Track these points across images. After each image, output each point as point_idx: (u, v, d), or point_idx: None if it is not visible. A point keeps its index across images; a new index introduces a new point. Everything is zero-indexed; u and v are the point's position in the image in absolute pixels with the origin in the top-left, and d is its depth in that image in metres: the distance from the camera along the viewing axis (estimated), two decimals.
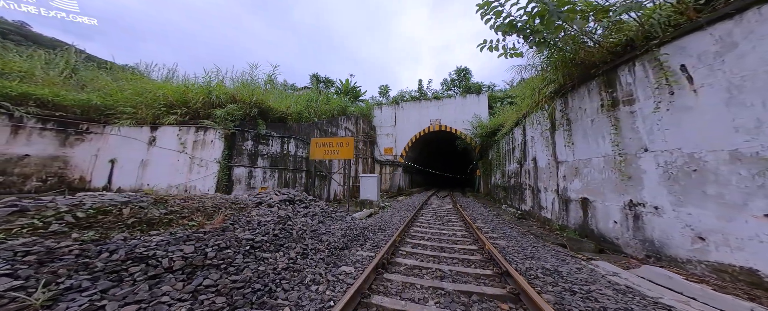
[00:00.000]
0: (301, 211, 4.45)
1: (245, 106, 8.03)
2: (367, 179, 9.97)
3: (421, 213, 8.28)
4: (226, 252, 2.30)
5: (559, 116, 6.10)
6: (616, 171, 4.44)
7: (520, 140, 9.10)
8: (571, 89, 5.58)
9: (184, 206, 2.76)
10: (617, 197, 4.41)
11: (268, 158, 8.71)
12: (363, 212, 7.93)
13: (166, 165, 7.68)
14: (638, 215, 4.03)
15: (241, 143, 7.81)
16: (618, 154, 4.39)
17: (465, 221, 6.68)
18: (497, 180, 13.11)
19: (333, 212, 5.42)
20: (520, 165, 8.93)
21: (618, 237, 4.38)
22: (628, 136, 4.26)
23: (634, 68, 4.21)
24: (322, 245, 3.55)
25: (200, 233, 2.45)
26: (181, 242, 2.22)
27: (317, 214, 4.73)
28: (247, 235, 2.74)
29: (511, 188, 10.18)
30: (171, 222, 2.44)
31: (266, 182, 8.60)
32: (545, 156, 6.85)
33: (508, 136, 10.96)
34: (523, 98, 9.66)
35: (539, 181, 7.24)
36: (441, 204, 11.40)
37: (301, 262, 2.90)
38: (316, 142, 8.43)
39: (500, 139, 12.25)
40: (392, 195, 17.07)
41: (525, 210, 8.31)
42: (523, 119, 8.67)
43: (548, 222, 6.57)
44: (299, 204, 4.74)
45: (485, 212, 8.66)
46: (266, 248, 2.72)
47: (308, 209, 4.69)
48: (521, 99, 10.28)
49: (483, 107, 18.32)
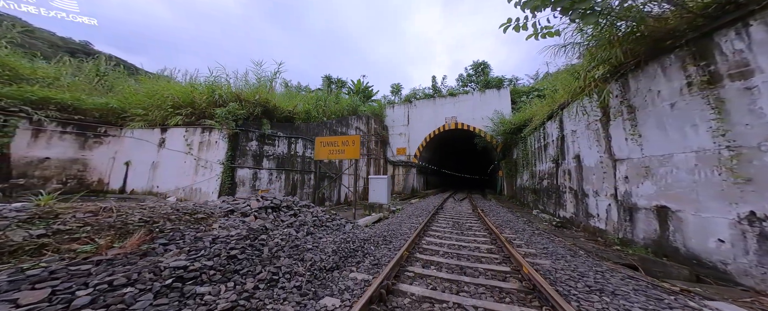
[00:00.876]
0: (285, 221, 3.66)
1: (249, 105, 7.57)
2: (377, 180, 9.06)
3: (435, 219, 7.17)
4: (124, 293, 1.51)
5: (615, 104, 4.73)
6: (721, 171, 3.06)
7: (555, 135, 7.63)
8: (633, 68, 4.22)
9: (88, 221, 2.05)
10: (724, 206, 3.03)
11: (274, 159, 8.18)
12: (369, 218, 7.01)
13: (175, 167, 7.43)
14: (766, 234, 2.66)
15: (245, 144, 7.32)
16: (725, 147, 3.02)
17: (489, 230, 5.49)
18: (525, 182, 11.50)
19: (329, 221, 4.57)
20: (556, 164, 7.45)
21: (727, 262, 3.01)
22: (745, 122, 2.88)
23: (749, 30, 2.88)
24: (303, 266, 2.69)
25: (90, 263, 1.70)
26: (31, 282, 1.41)
27: (307, 223, 3.91)
28: (180, 261, 1.95)
29: (543, 191, 8.65)
30: (43, 248, 1.72)
31: (272, 184, 8.06)
32: (594, 153, 5.43)
33: (537, 132, 9.44)
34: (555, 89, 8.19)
35: (585, 183, 5.80)
36: (459, 208, 10.13)
37: (262, 294, 2.05)
38: (321, 141, 7.72)
39: (528, 135, 10.70)
40: (405, 197, 15.98)
41: (564, 217, 6.83)
42: (559, 111, 7.22)
43: (601, 234, 5.14)
44: (285, 212, 3.95)
45: (513, 218, 7.30)
46: (208, 278, 1.92)
47: (296, 219, 3.89)
48: (552, 91, 8.77)
49: (505, 103, 16.62)
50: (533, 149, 10.07)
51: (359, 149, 7.41)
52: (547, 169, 8.29)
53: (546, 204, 8.28)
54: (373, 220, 7.05)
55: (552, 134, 7.91)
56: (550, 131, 8.10)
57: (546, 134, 8.49)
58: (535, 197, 9.62)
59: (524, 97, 16.15)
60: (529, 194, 10.31)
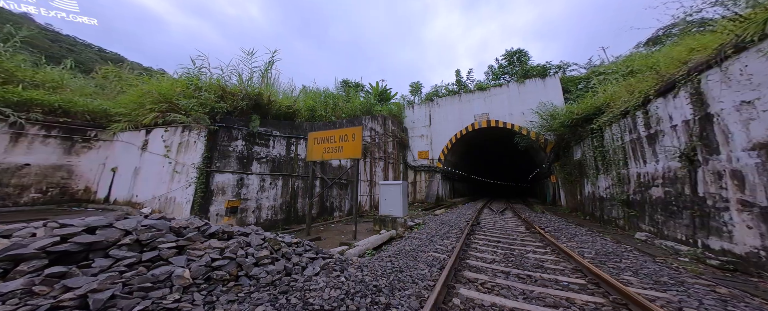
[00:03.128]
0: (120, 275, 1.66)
1: (236, 98, 6.06)
2: (389, 188, 6.86)
3: (472, 242, 4.68)
4: None
5: None
6: None
7: (681, 116, 4.76)
8: None
9: None
10: None
11: (267, 162, 6.51)
12: (374, 239, 4.76)
13: (154, 173, 6.13)
14: None
15: (227, 144, 5.74)
16: None
17: (579, 269, 2.92)
18: (602, 190, 8.31)
19: (276, 257, 2.54)
20: (691, 163, 4.53)
21: None
22: None
23: None
24: None
25: None
26: None
27: (189, 276, 1.87)
28: None
29: (655, 205, 5.61)
30: None
31: (264, 192, 6.33)
32: None
33: (627, 119, 6.50)
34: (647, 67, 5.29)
35: None
36: (503, 224, 7.39)
37: None
38: (315, 137, 5.85)
39: (606, 126, 7.68)
40: (428, 207, 13.38)
41: (732, 252, 3.85)
42: (691, 79, 4.42)
43: None
44: (145, 251, 1.96)
45: (610, 247, 4.45)
46: None
47: (167, 267, 1.87)
48: (644, 70, 5.83)
49: (554, 93, 13.49)
50: (618, 143, 7.05)
51: (361, 144, 5.34)
52: (662, 170, 5.31)
53: (665, 226, 5.23)
54: (377, 242, 4.79)
55: (671, 117, 5.02)
56: (664, 113, 5.20)
57: (652, 119, 5.57)
58: (629, 213, 6.50)
59: (582, 84, 12.89)
60: (618, 208, 7.16)
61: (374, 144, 13.37)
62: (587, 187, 9.55)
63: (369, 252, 3.99)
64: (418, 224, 7.07)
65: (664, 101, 5.16)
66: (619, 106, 6.96)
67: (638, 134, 6.10)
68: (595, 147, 8.32)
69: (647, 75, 6.47)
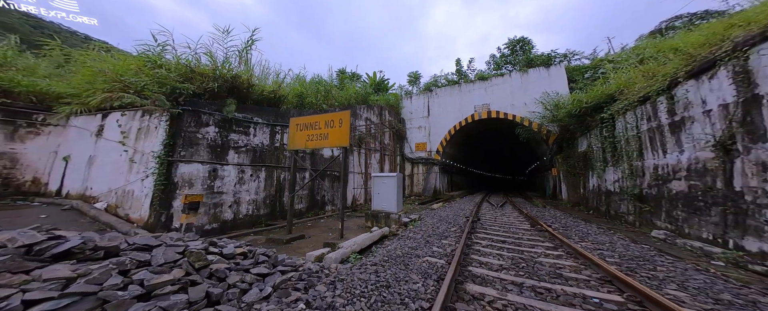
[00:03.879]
0: None
1: (205, 79, 5.23)
2: (382, 180, 6.22)
3: (474, 242, 4.11)
4: None
5: None
6: None
7: (724, 99, 4.11)
8: None
9: None
10: None
11: (247, 151, 5.78)
12: (362, 239, 4.16)
13: (110, 162, 5.36)
14: None
15: (195, 130, 4.97)
16: None
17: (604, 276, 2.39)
18: (609, 183, 7.79)
19: (168, 285, 1.76)
20: (727, 153, 3.93)
21: None
22: None
23: None
24: None
25: None
26: None
27: None
28: None
29: (674, 200, 5.07)
30: None
31: (244, 184, 5.64)
32: None
33: (646, 106, 5.86)
34: None
35: None
36: (504, 219, 6.88)
37: None
38: (297, 123, 5.11)
39: (619, 115, 7.04)
40: (425, 201, 12.89)
41: None
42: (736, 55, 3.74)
43: None
44: None
45: (634, 249, 3.91)
46: None
47: None
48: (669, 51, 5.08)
49: (559, 83, 12.75)
50: (633, 133, 6.43)
51: (349, 131, 4.63)
52: (688, 162, 4.72)
53: (687, 223, 4.70)
54: (367, 242, 4.20)
55: (704, 101, 4.37)
56: (695, 96, 4.55)
57: (678, 104, 4.92)
58: (642, 208, 5.98)
59: (589, 73, 12.14)
60: (628, 203, 6.63)
61: (369, 135, 12.64)
62: (592, 180, 9.03)
63: (353, 257, 3.38)
64: (413, 220, 6.50)
65: (696, 83, 4.49)
66: (636, 93, 6.29)
67: (659, 122, 5.47)
68: (605, 138, 7.71)
69: (671, 57, 5.78)
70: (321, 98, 9.35)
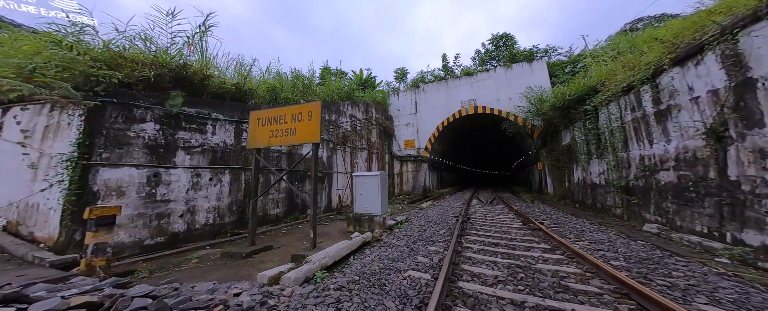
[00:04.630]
0: None
1: (138, 67, 4.31)
2: (364, 180, 5.66)
3: (464, 250, 3.63)
4: None
5: None
6: None
7: (713, 84, 3.86)
8: None
9: None
10: None
11: (204, 152, 4.98)
12: (331, 251, 3.59)
13: (10, 168, 4.29)
14: None
15: (124, 127, 4.08)
16: None
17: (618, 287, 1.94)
18: (594, 176, 7.64)
19: None
20: (719, 141, 3.69)
21: None
22: None
23: None
24: None
25: None
26: None
27: None
28: None
29: (662, 191, 4.86)
30: None
31: (201, 189, 4.85)
32: None
33: (630, 96, 5.66)
34: None
35: None
36: (495, 218, 6.55)
37: None
38: (258, 117, 4.41)
39: (602, 106, 6.86)
40: (415, 199, 12.47)
41: None
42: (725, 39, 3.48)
43: None
44: None
45: (635, 248, 3.59)
46: None
47: None
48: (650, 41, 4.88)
49: (541, 77, 12.70)
50: (617, 124, 6.24)
51: (319, 124, 4.01)
52: (676, 151, 4.49)
53: (678, 215, 4.48)
54: (342, 253, 3.64)
55: (691, 88, 4.13)
56: (681, 84, 4.31)
57: (663, 93, 4.69)
58: (630, 200, 5.79)
59: (569, 67, 12.15)
60: (614, 195, 6.46)
61: (355, 132, 12.00)
62: (577, 173, 8.92)
63: (319, 275, 2.78)
64: (399, 222, 5.98)
65: (681, 70, 4.24)
66: (619, 83, 6.09)
67: (644, 112, 5.26)
68: (589, 130, 7.55)
69: (649, 48, 5.59)
70: (298, 94, 8.60)
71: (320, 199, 9.00)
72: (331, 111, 10.59)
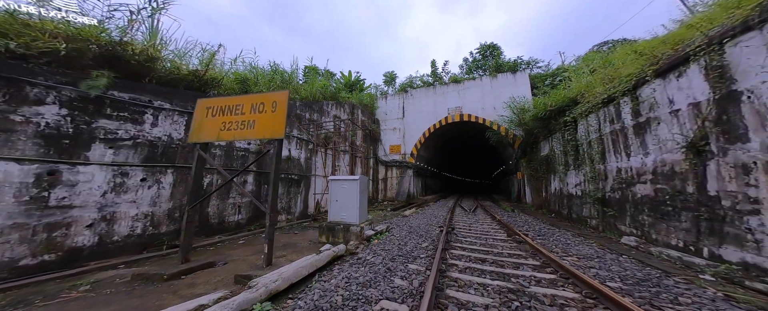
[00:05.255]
0: None
1: (46, 37, 3.40)
2: (341, 185, 5.06)
3: (449, 269, 3.16)
4: None
5: None
6: None
7: (694, 97, 3.79)
8: None
9: None
10: None
11: (137, 147, 4.06)
12: (288, 272, 2.94)
13: None
14: None
15: (10, 108, 3.12)
16: None
17: None
18: (570, 187, 7.63)
19: None
20: (698, 155, 3.58)
21: None
22: None
23: None
24: None
25: None
26: None
27: None
28: None
29: (638, 204, 4.75)
30: None
31: (128, 192, 3.92)
32: None
33: (609, 108, 5.64)
34: None
35: None
36: (479, 228, 6.22)
37: None
38: (207, 106, 3.65)
39: (581, 118, 6.88)
40: (399, 206, 11.96)
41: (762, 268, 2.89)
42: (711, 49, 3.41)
43: None
44: None
45: (629, 267, 3.31)
46: None
47: None
48: None
49: (523, 88, 12.98)
50: (595, 136, 6.23)
51: (285, 117, 3.36)
52: (653, 164, 4.40)
53: (654, 228, 4.35)
54: (302, 272, 3.00)
55: (671, 101, 4.06)
56: (662, 96, 4.25)
57: (643, 105, 4.64)
58: (606, 212, 5.70)
59: (548, 80, 12.53)
60: (590, 206, 6.39)
61: (338, 134, 11.34)
62: (554, 183, 8.95)
63: (258, 309, 2.11)
64: (379, 233, 5.38)
65: (663, 82, 4.19)
66: (599, 95, 6.11)
67: (623, 124, 5.21)
68: (567, 141, 7.56)
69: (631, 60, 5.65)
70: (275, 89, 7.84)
71: (294, 204, 8.18)
72: (313, 110, 9.89)
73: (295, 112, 8.61)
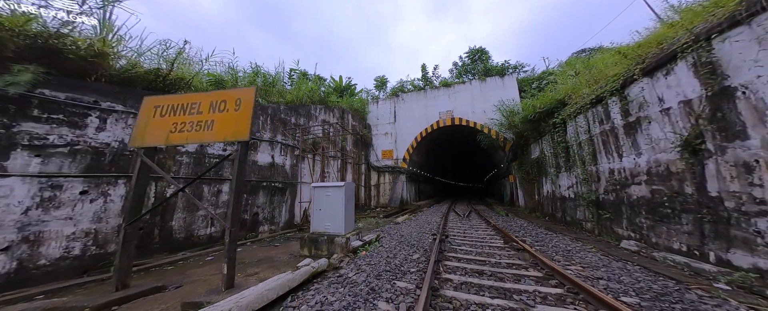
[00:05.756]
0: None
1: None
2: (325, 192, 4.63)
3: (442, 286, 2.76)
4: None
5: None
6: None
7: (685, 95, 3.66)
8: None
9: None
10: None
11: (74, 154, 3.52)
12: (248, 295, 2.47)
13: None
14: None
15: None
16: None
17: None
18: (562, 190, 7.46)
19: None
20: (694, 154, 3.40)
21: None
22: None
23: None
24: None
25: None
26: None
27: None
28: None
29: (634, 206, 4.54)
30: None
31: (62, 207, 3.35)
32: None
33: (598, 109, 5.54)
34: None
35: None
36: (474, 235, 5.88)
37: None
38: (156, 104, 3.18)
39: (570, 119, 6.78)
40: (391, 213, 11.50)
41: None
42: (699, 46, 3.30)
43: None
44: None
45: (643, 278, 3.01)
46: None
47: None
48: None
49: (511, 92, 13.07)
50: (585, 137, 6.10)
51: (250, 117, 2.95)
52: (647, 165, 4.23)
53: (653, 232, 4.12)
54: (270, 295, 2.54)
55: (661, 99, 3.93)
56: (651, 95, 4.13)
57: (632, 105, 4.52)
58: (601, 215, 5.49)
59: (536, 83, 12.67)
60: (584, 209, 6.19)
61: (327, 139, 10.91)
62: (546, 186, 8.80)
63: None
64: (367, 244, 4.93)
65: (650, 80, 4.07)
66: (586, 95, 6.02)
67: (612, 125, 5.08)
68: (557, 143, 7.44)
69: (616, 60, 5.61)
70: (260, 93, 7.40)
71: (279, 214, 7.61)
72: (300, 114, 9.46)
73: (279, 116, 8.16)
